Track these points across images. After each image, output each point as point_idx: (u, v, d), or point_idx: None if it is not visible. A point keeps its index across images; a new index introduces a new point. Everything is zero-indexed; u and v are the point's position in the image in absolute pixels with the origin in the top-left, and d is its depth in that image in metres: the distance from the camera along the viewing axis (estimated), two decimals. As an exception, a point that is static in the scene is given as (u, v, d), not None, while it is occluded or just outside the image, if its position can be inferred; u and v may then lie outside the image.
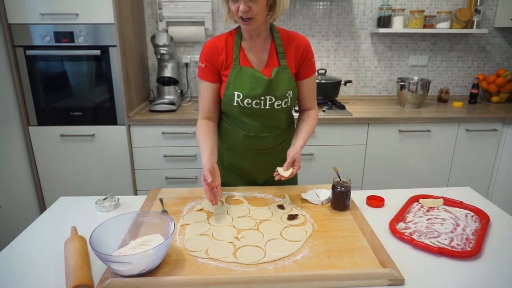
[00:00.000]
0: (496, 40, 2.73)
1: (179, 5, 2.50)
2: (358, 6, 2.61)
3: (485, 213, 1.19)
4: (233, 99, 1.26)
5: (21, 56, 2.06)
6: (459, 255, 0.97)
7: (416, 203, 1.28)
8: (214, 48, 1.27)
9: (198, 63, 1.31)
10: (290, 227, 1.10)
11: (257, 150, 1.37)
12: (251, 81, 1.25)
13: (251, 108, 1.27)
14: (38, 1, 1.98)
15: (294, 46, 1.29)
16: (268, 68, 1.28)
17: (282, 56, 1.28)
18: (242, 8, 1.13)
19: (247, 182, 1.44)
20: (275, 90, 1.26)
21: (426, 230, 1.09)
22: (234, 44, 1.27)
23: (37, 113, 2.16)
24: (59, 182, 2.27)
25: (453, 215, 1.18)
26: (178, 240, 1.03)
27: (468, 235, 1.07)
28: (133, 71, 2.32)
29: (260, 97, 1.25)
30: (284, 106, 1.29)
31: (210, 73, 1.28)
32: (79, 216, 1.20)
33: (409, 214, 1.21)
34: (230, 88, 1.26)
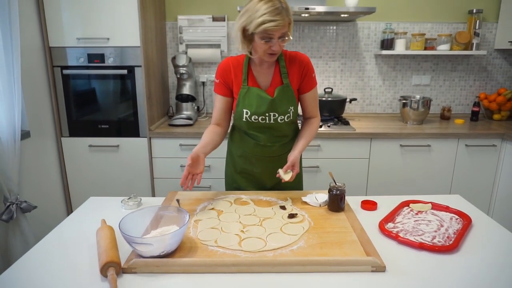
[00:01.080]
0: (496, 61, 2.86)
1: (198, 29, 2.75)
2: (362, 30, 2.81)
3: (468, 216, 1.31)
4: (242, 116, 1.46)
5: (58, 75, 2.33)
6: (439, 249, 1.10)
7: (406, 207, 1.42)
8: (227, 67, 1.47)
9: (214, 79, 1.51)
10: (289, 224, 1.25)
11: (266, 157, 1.55)
12: (257, 100, 1.44)
13: (258, 123, 1.47)
14: (75, 27, 2.26)
15: (296, 63, 1.47)
16: (272, 87, 1.46)
17: (285, 76, 1.46)
18: (276, 48, 1.32)
19: (257, 186, 1.61)
20: (277, 107, 1.45)
21: (412, 229, 1.22)
22: (243, 66, 1.46)
23: (69, 126, 2.41)
24: (85, 187, 2.49)
25: (439, 218, 1.31)
26: (192, 232, 1.20)
27: (450, 234, 1.20)
28: (155, 89, 2.55)
29: (264, 113, 1.45)
30: (287, 120, 1.48)
31: (223, 88, 1.49)
32: (106, 212, 1.36)
33: (399, 216, 1.34)
34: (239, 105, 1.46)
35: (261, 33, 1.29)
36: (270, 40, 1.31)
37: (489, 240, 1.19)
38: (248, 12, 1.30)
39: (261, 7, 1.26)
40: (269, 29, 1.27)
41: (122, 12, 2.23)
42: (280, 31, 1.29)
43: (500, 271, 1.01)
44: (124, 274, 1.00)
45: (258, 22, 1.26)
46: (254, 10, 1.28)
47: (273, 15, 1.25)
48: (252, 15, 1.28)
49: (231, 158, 1.65)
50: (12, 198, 1.83)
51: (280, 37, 1.31)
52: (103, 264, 0.97)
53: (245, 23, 1.31)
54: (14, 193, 1.85)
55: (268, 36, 1.29)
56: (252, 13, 1.28)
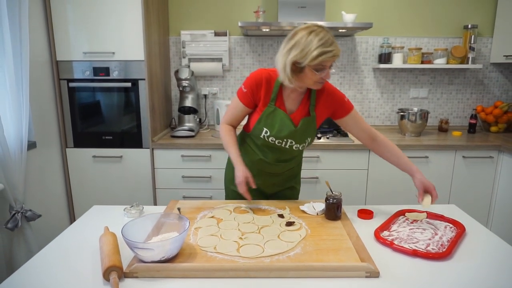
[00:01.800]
0: (493, 74, 2.91)
1: (200, 44, 2.84)
2: (361, 44, 2.88)
3: (462, 225, 1.34)
4: (261, 133, 1.48)
5: (64, 88, 2.40)
6: (432, 256, 1.13)
7: (402, 216, 1.45)
8: (259, 81, 1.44)
9: (242, 85, 1.48)
10: (287, 231, 1.28)
11: (268, 172, 1.60)
12: (280, 124, 1.45)
13: (273, 144, 1.49)
14: (82, 42, 2.34)
15: (324, 94, 1.48)
16: (298, 113, 1.47)
17: (313, 108, 1.47)
18: (327, 77, 1.34)
19: (256, 194, 1.64)
20: (297, 137, 1.48)
21: (406, 237, 1.25)
22: (275, 85, 1.44)
23: (74, 137, 2.47)
24: (89, 197, 2.53)
25: (433, 226, 1.34)
26: (192, 239, 1.23)
27: (444, 242, 1.23)
28: (158, 101, 2.62)
29: (283, 139, 1.47)
30: (301, 148, 1.53)
31: (248, 99, 1.48)
32: (109, 220, 1.40)
33: (394, 225, 1.37)
34: (261, 123, 1.47)
35: (315, 64, 1.29)
36: (323, 70, 1.31)
37: (482, 248, 1.21)
38: (299, 46, 1.28)
39: (313, 40, 1.26)
40: (326, 60, 1.28)
41: (127, 28, 2.31)
42: (333, 60, 1.31)
43: (493, 279, 1.04)
44: (126, 278, 1.03)
45: (314, 55, 1.26)
46: (306, 44, 1.27)
47: (327, 46, 1.26)
48: (305, 48, 1.27)
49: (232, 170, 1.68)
50: (17, 207, 1.88)
51: (331, 65, 1.33)
52: (105, 268, 1.01)
53: (297, 57, 1.29)
54: (20, 202, 1.89)
55: (322, 66, 1.30)
56: (304, 46, 1.27)
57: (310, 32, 1.28)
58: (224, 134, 1.55)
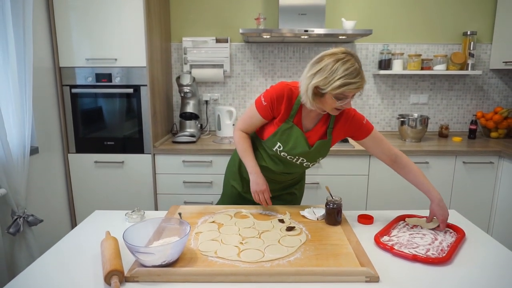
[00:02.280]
0: (492, 80, 2.93)
1: (202, 50, 2.86)
2: (361, 50, 2.90)
3: (462, 230, 1.34)
4: (274, 146, 1.48)
5: (67, 94, 2.42)
6: (432, 261, 1.13)
7: (402, 221, 1.46)
8: (281, 97, 1.42)
9: (263, 95, 1.46)
10: (287, 236, 1.29)
11: (272, 179, 1.60)
12: (295, 141, 1.45)
13: (284, 158, 1.51)
14: (84, 48, 2.36)
15: (343, 117, 1.46)
16: (314, 133, 1.47)
17: (330, 131, 1.46)
18: (348, 107, 1.34)
19: None
20: (309, 156, 1.49)
21: (407, 243, 1.26)
22: (295, 103, 1.43)
23: (76, 142, 2.48)
24: (90, 202, 2.53)
25: (433, 231, 1.35)
26: (193, 243, 1.24)
27: (444, 247, 1.23)
28: (160, 107, 2.64)
29: (295, 156, 1.48)
30: (311, 165, 1.55)
31: (266, 111, 1.46)
32: (111, 225, 1.41)
33: (394, 230, 1.38)
34: (276, 136, 1.47)
35: (337, 94, 1.27)
36: (344, 99, 1.29)
37: (482, 253, 1.22)
38: (323, 72, 1.26)
39: (339, 69, 1.24)
40: (348, 91, 1.26)
41: (130, 34, 2.34)
42: (357, 91, 1.29)
43: (494, 284, 1.04)
44: (127, 282, 1.04)
45: (337, 84, 1.24)
46: (331, 71, 1.25)
47: (352, 77, 1.24)
48: (329, 76, 1.25)
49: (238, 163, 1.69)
50: (19, 212, 1.89)
51: (353, 95, 1.31)
52: (107, 272, 1.01)
53: (320, 83, 1.27)
54: (22, 207, 1.90)
55: (344, 96, 1.28)
56: (329, 74, 1.25)
57: (337, 60, 1.25)
58: (239, 140, 1.55)
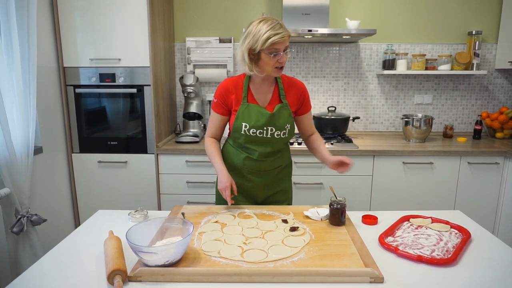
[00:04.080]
0: (497, 80, 2.91)
1: (205, 50, 2.86)
2: (364, 50, 2.89)
3: (467, 231, 1.33)
4: (241, 129, 1.55)
5: (71, 94, 2.43)
6: (437, 262, 1.12)
7: (407, 222, 1.44)
8: (226, 89, 1.57)
9: (213, 97, 1.61)
10: (291, 237, 1.28)
11: (257, 171, 1.62)
12: (256, 115, 1.54)
13: (255, 136, 1.55)
14: (88, 48, 2.37)
15: (294, 89, 1.61)
16: (271, 105, 1.57)
17: (284, 97, 1.59)
18: (283, 60, 1.45)
19: (248, 199, 1.67)
20: (275, 121, 1.55)
21: (411, 243, 1.24)
22: (243, 85, 1.56)
23: (80, 142, 2.49)
24: (94, 202, 2.54)
25: (438, 232, 1.33)
26: (196, 243, 1.23)
27: (449, 248, 1.22)
28: (163, 107, 2.64)
29: (263, 127, 1.54)
30: (283, 136, 1.58)
31: (220, 107, 1.59)
32: (114, 224, 1.41)
33: (399, 230, 1.36)
34: (239, 120, 1.55)
35: (268, 48, 1.41)
36: (277, 53, 1.42)
37: (488, 254, 1.20)
38: (250, 34, 1.43)
39: (262, 26, 1.41)
40: (276, 41, 1.39)
41: (133, 34, 2.34)
42: (285, 43, 1.42)
43: (498, 285, 1.03)
44: (130, 282, 1.03)
45: (264, 38, 1.39)
46: (257, 30, 1.41)
47: (276, 29, 1.39)
48: (256, 34, 1.41)
49: None
50: (23, 211, 1.89)
51: (285, 50, 1.44)
52: (110, 272, 1.01)
53: (250, 44, 1.43)
54: (26, 206, 1.91)
55: (275, 50, 1.41)
56: (255, 33, 1.41)
57: (259, 21, 1.43)
58: (207, 146, 1.63)
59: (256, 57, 1.45)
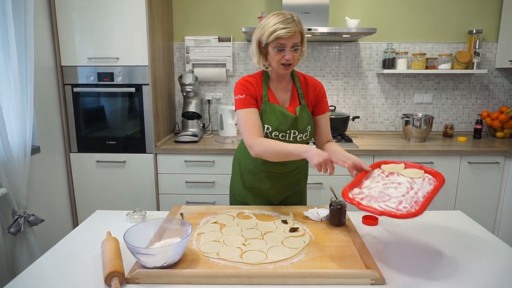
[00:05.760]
0: (498, 79, 2.89)
1: (204, 49, 2.85)
2: (364, 49, 2.88)
3: (441, 175, 1.20)
4: (263, 131, 1.46)
5: (68, 93, 2.41)
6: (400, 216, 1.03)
7: (378, 169, 1.31)
8: (248, 82, 1.48)
9: (236, 97, 1.46)
10: (290, 237, 1.26)
11: (275, 173, 1.57)
12: (279, 117, 1.46)
13: (277, 139, 1.47)
14: (86, 47, 2.35)
15: (311, 87, 1.53)
16: (291, 105, 1.50)
17: (302, 96, 1.52)
18: (288, 57, 1.37)
19: (264, 202, 1.62)
20: (298, 125, 1.48)
21: (378, 195, 1.14)
22: (263, 83, 1.49)
23: (78, 142, 2.47)
24: (92, 202, 2.52)
25: (410, 179, 1.20)
26: (195, 244, 1.22)
27: (419, 197, 1.12)
28: (162, 106, 2.62)
29: (286, 131, 1.47)
30: (304, 138, 1.52)
31: (252, 100, 1.46)
32: (112, 225, 1.39)
33: (367, 180, 1.25)
34: (261, 120, 1.46)
35: (273, 42, 1.36)
36: (283, 49, 1.36)
37: (491, 256, 1.19)
38: (261, 26, 1.40)
39: (273, 19, 1.36)
40: (281, 36, 1.33)
41: (132, 33, 2.33)
42: (292, 39, 1.35)
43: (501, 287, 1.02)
44: (127, 284, 1.02)
45: (270, 31, 1.34)
46: (267, 23, 1.37)
47: (284, 24, 1.33)
48: (265, 27, 1.37)
49: (239, 173, 1.67)
50: (20, 211, 1.87)
51: (293, 47, 1.37)
52: (107, 273, 0.99)
53: (259, 35, 1.39)
54: (23, 207, 1.89)
55: (281, 45, 1.36)
56: (264, 25, 1.37)
57: (274, 14, 1.38)
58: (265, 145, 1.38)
59: (265, 50, 1.41)
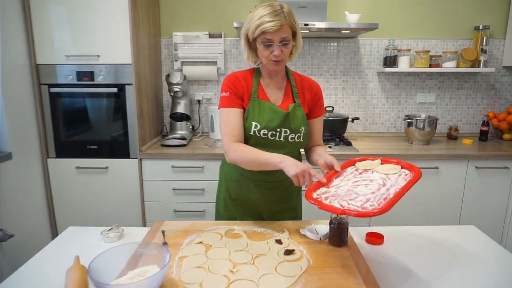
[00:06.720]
0: (505, 78, 2.74)
1: (194, 46, 2.67)
2: (364, 46, 2.71)
3: (418, 169, 1.12)
4: (250, 129, 1.33)
5: (45, 93, 2.23)
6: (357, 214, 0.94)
7: (352, 167, 1.23)
8: (236, 78, 1.36)
9: (221, 94, 1.35)
10: (285, 262, 1.11)
11: (265, 182, 1.41)
12: (269, 113, 1.33)
13: (266, 139, 1.33)
14: (64, 44, 2.17)
15: (307, 88, 1.42)
16: (284, 104, 1.38)
17: (296, 95, 1.39)
18: (276, 53, 1.25)
19: (253, 216, 1.46)
20: (290, 123, 1.34)
21: (345, 193, 1.06)
22: (253, 80, 1.37)
23: (56, 146, 2.29)
24: (72, 212, 2.35)
25: (384, 175, 1.12)
26: (175, 272, 1.06)
27: (390, 195, 1.02)
28: (148, 108, 2.44)
29: (276, 128, 1.33)
30: (297, 140, 1.36)
31: (236, 99, 1.34)
32: (84, 245, 1.24)
33: (338, 178, 1.17)
34: (248, 119, 1.33)
35: (260, 37, 1.24)
36: (271, 44, 1.25)
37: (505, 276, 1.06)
38: (248, 19, 1.28)
39: (259, 11, 1.24)
40: (267, 30, 1.21)
41: (114, 29, 2.14)
42: (279, 33, 1.23)
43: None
44: (90, 328, 0.85)
45: (255, 25, 1.23)
46: (253, 16, 1.26)
47: (270, 16, 1.21)
48: (251, 20, 1.26)
49: (225, 183, 1.51)
50: (-13, 226, 1.70)
51: (282, 41, 1.25)
52: (65, 316, 0.83)
53: (245, 30, 1.29)
54: (-10, 221, 1.71)
55: (268, 40, 1.24)
56: (251, 18, 1.26)
57: (261, 6, 1.26)
58: (241, 150, 1.27)
59: (254, 45, 1.30)
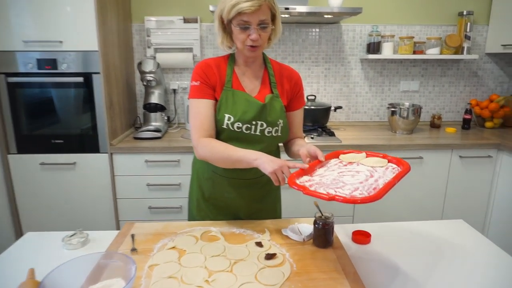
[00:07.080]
0: (487, 65, 2.71)
1: (168, 32, 2.50)
2: (347, 32, 2.61)
3: (407, 163, 1.06)
4: (223, 122, 1.21)
5: (2, 83, 2.02)
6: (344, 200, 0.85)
7: (335, 159, 1.16)
8: (207, 66, 1.24)
9: (191, 83, 1.24)
10: (266, 268, 1.01)
11: (240, 179, 1.30)
12: (244, 105, 1.22)
13: (240, 132, 1.22)
14: (22, 29, 1.96)
15: (286, 78, 1.31)
16: (260, 94, 1.26)
17: (274, 86, 1.28)
18: (254, 37, 1.14)
19: (229, 217, 1.35)
20: (267, 115, 1.23)
21: (330, 182, 0.97)
22: (227, 67, 1.25)
23: (17, 141, 2.10)
24: (38, 212, 2.17)
25: (371, 168, 1.06)
26: (144, 283, 0.95)
27: (379, 185, 0.94)
28: (118, 98, 2.28)
29: (251, 121, 1.21)
30: (275, 134, 1.25)
31: (207, 89, 1.22)
32: (43, 253, 1.12)
33: (321, 168, 1.09)
34: (221, 110, 1.22)
35: (236, 19, 1.13)
36: (248, 27, 1.14)
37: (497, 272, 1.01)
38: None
39: None
40: (243, 11, 1.10)
41: (78, 12, 1.96)
42: (257, 15, 1.12)
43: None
44: None
45: (231, 4, 1.11)
46: None
47: None
48: (226, 0, 1.13)
49: (197, 181, 1.39)
50: None
51: (260, 24, 1.14)
52: None
53: (219, 10, 1.17)
54: None
55: (244, 22, 1.13)
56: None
57: None
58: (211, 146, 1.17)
59: (229, 28, 1.19)
